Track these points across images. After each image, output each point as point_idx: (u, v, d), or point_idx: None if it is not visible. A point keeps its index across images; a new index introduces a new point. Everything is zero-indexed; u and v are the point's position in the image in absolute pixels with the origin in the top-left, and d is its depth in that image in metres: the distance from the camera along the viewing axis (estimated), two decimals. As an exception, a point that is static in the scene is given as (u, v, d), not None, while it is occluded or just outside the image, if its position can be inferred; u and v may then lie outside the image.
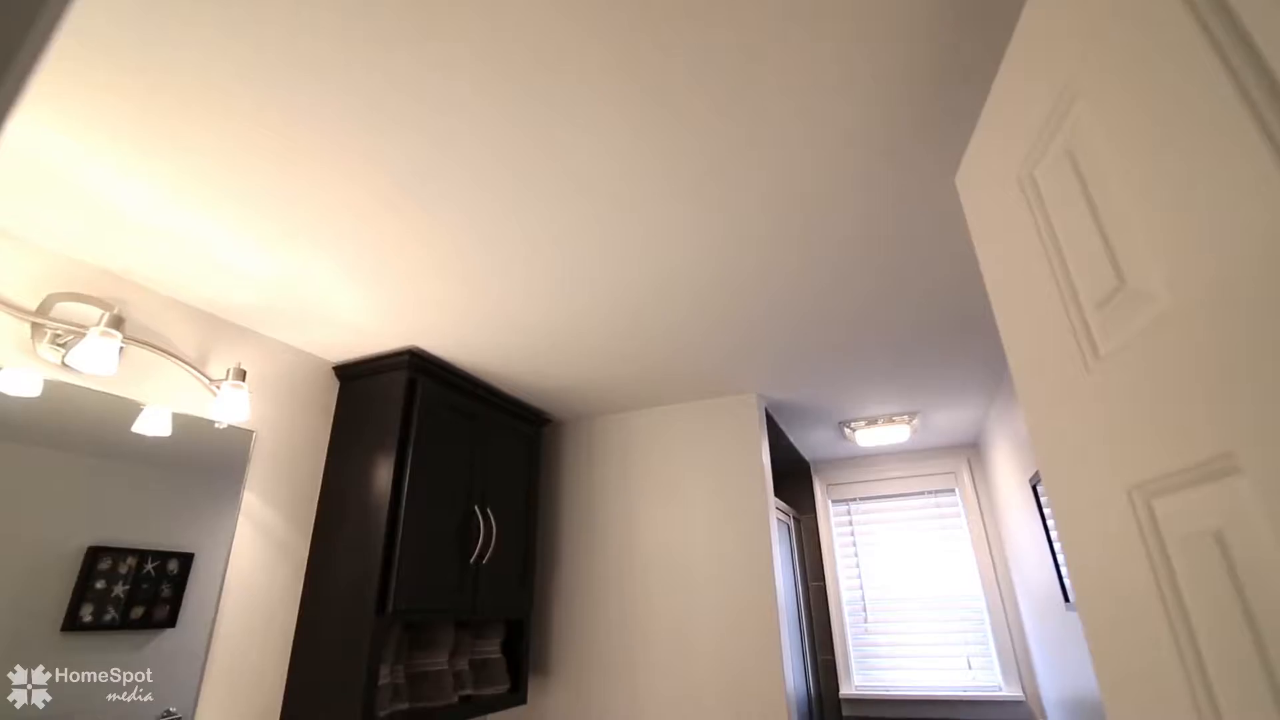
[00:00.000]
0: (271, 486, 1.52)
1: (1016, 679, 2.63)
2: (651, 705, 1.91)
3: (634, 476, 2.20)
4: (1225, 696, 0.44)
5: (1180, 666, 0.47)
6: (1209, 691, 0.45)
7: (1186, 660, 0.47)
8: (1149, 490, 0.50)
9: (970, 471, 2.97)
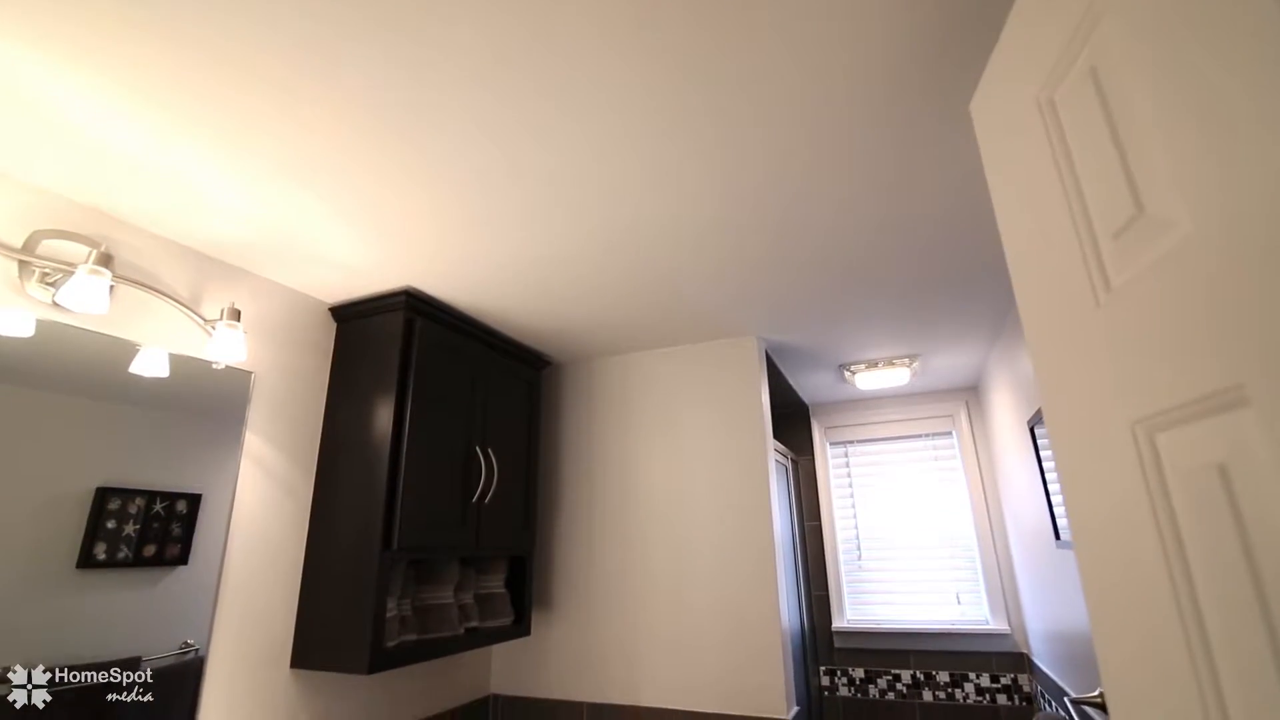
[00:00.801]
0: (273, 427, 1.53)
1: (1003, 614, 2.73)
2: (651, 636, 1.98)
3: (634, 418, 2.22)
4: (1217, 630, 0.44)
5: (1174, 601, 0.48)
6: (1201, 625, 0.46)
7: (1180, 595, 0.47)
8: (1152, 425, 0.50)
9: (968, 414, 2.99)
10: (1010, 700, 2.64)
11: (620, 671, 2.00)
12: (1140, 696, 0.54)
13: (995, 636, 2.71)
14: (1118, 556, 0.55)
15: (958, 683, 2.72)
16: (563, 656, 2.09)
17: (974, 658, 2.72)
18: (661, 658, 1.95)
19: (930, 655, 2.79)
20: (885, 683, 2.83)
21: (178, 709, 1.27)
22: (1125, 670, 0.57)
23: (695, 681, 1.89)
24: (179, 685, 1.28)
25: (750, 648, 1.86)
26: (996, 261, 1.62)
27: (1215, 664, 0.45)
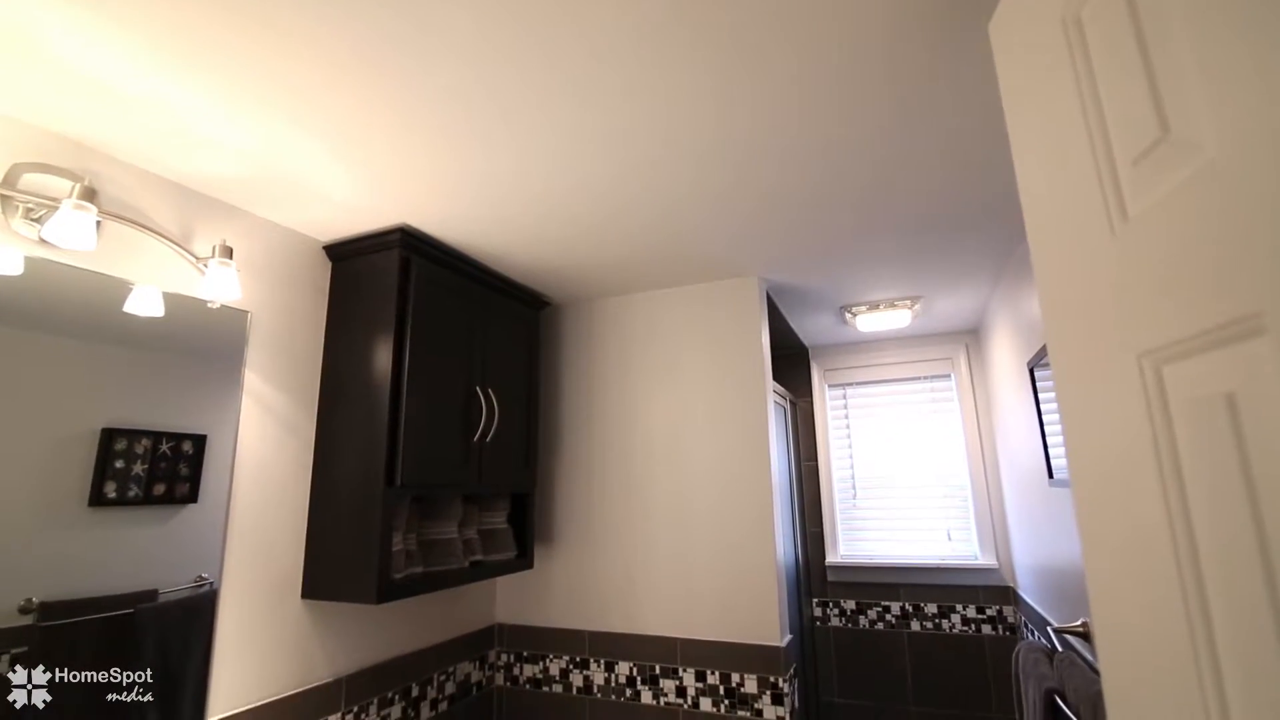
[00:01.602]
0: (272, 366, 1.53)
1: (992, 550, 2.81)
2: (650, 569, 2.05)
3: (634, 358, 2.22)
4: (1211, 560, 0.45)
5: (1169, 532, 0.49)
6: (1195, 557, 0.46)
7: (1176, 526, 0.48)
8: (1160, 357, 0.49)
9: (968, 357, 3.00)
10: (995, 630, 2.75)
11: (620, 602, 2.07)
12: (1128, 626, 0.56)
13: (983, 571, 2.80)
14: (1115, 489, 0.56)
15: (945, 614, 2.84)
16: (565, 588, 2.16)
17: (961, 590, 2.82)
18: (660, 589, 2.02)
19: (920, 588, 2.89)
20: (875, 614, 2.94)
21: (196, 638, 1.32)
22: (1115, 601, 0.58)
23: (693, 611, 1.97)
24: (196, 616, 1.33)
25: (746, 580, 1.92)
26: (1001, 202, 1.59)
27: (1206, 595, 0.46)
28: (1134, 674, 0.56)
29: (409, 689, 1.82)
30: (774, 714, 1.82)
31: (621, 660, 2.03)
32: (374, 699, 1.70)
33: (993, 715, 2.69)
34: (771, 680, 1.83)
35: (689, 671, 1.93)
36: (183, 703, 1.29)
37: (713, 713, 1.89)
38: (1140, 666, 0.55)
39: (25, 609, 1.08)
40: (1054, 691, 1.46)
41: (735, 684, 1.87)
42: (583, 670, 2.08)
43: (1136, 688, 0.56)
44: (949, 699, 2.77)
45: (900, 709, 2.83)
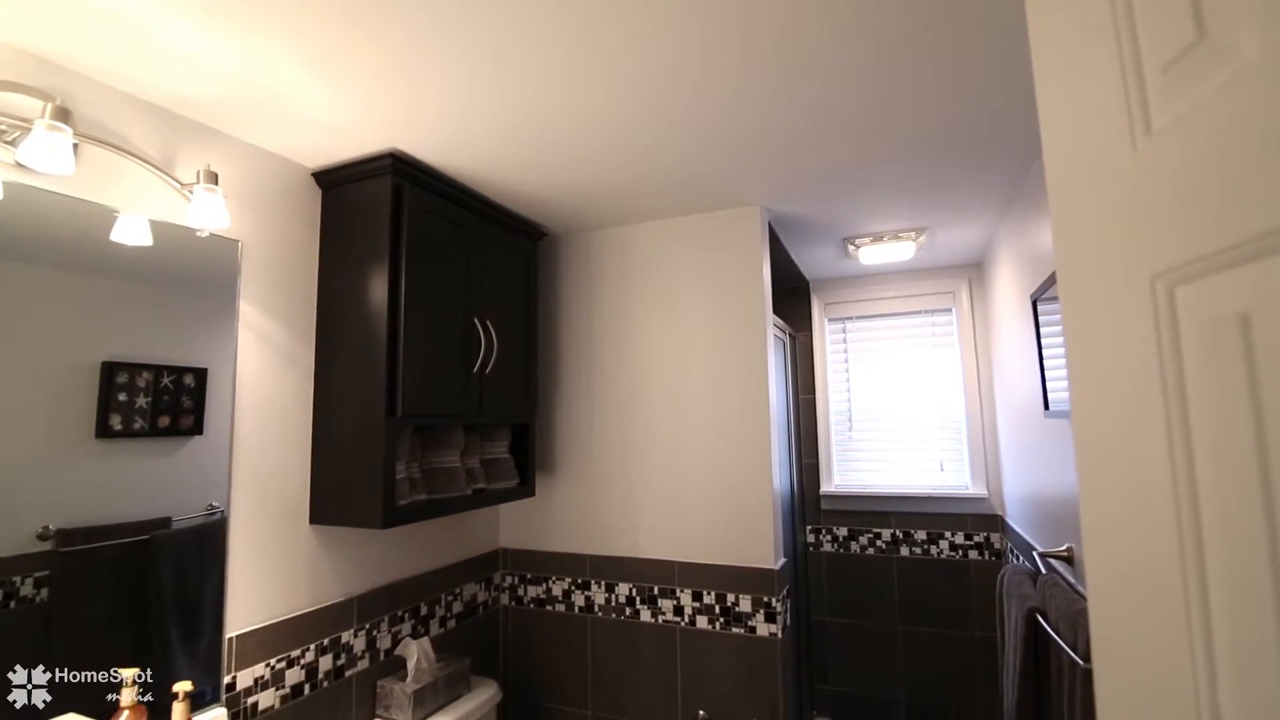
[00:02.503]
0: (267, 297, 1.52)
1: (984, 480, 2.88)
2: (650, 496, 2.10)
3: (633, 290, 2.20)
4: (1209, 487, 0.45)
5: (1169, 460, 0.48)
6: (1192, 482, 0.46)
7: (1176, 454, 0.48)
8: (1175, 277, 0.48)
9: (970, 291, 2.97)
10: (981, 556, 2.85)
11: (620, 527, 2.14)
12: (1120, 550, 0.57)
13: (973, 500, 2.88)
14: (1117, 414, 0.56)
15: (934, 540, 2.94)
16: (566, 514, 2.23)
17: (951, 518, 2.91)
18: (660, 515, 2.08)
19: (910, 516, 2.98)
20: (866, 540, 3.05)
21: (212, 562, 1.37)
22: (1108, 525, 0.59)
23: (691, 536, 2.03)
24: (210, 542, 1.37)
25: (743, 507, 1.97)
26: (1013, 131, 1.53)
27: (1201, 519, 0.46)
28: (1121, 597, 0.58)
29: (418, 608, 1.90)
30: (767, 631, 1.91)
31: (621, 582, 2.11)
32: (385, 617, 1.78)
33: (974, 633, 2.83)
34: (765, 600, 1.91)
35: (686, 592, 2.02)
36: (203, 621, 1.35)
37: (709, 630, 1.98)
38: (1128, 591, 0.56)
39: (43, 536, 1.12)
40: (1036, 610, 1.52)
41: (730, 603, 1.96)
42: (584, 591, 2.17)
43: (1123, 611, 0.57)
44: (934, 619, 2.90)
45: (887, 628, 2.98)
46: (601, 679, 2.12)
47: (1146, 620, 0.53)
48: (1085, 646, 1.23)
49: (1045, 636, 1.47)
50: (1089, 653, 1.22)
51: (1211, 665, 0.46)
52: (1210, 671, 0.46)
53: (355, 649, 1.68)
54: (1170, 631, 0.50)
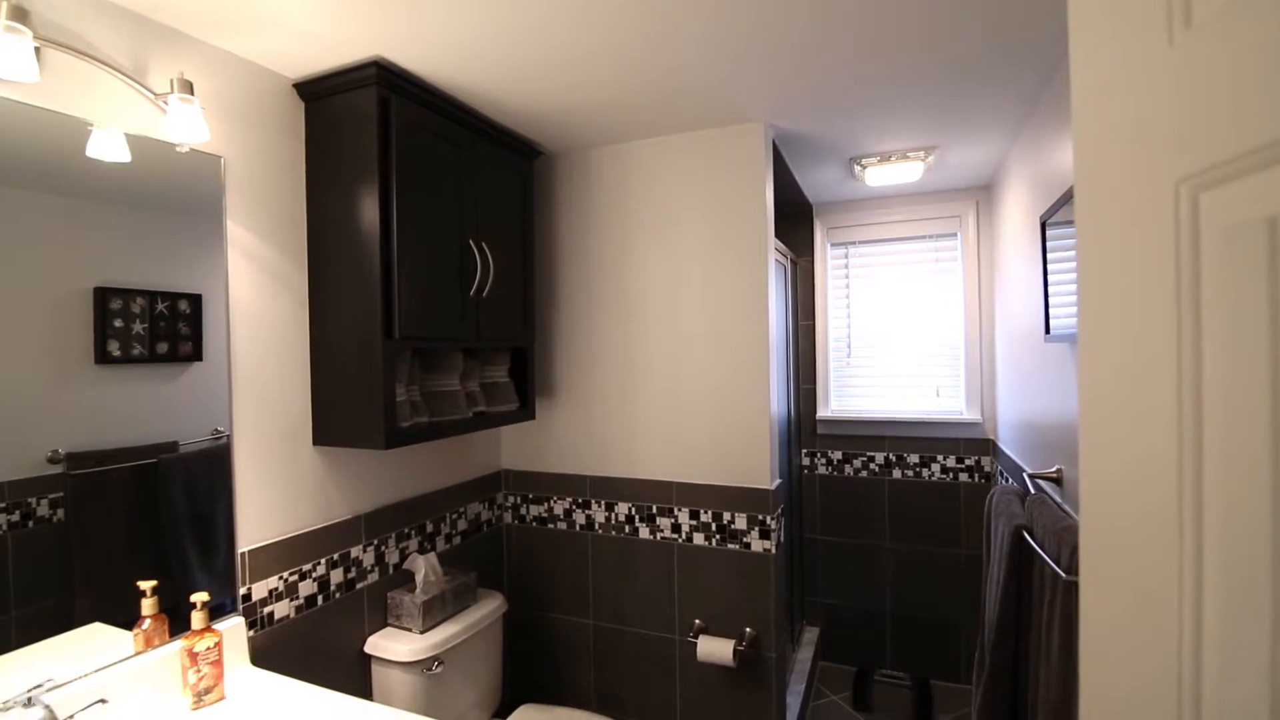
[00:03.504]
0: (254, 217, 1.48)
1: (978, 406, 2.92)
2: (648, 418, 2.13)
3: (633, 211, 2.15)
4: (1215, 401, 0.45)
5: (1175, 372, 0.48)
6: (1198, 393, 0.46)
7: (1184, 366, 0.47)
8: (1201, 181, 0.45)
9: (977, 214, 2.91)
10: (971, 479, 2.93)
11: (619, 449, 2.18)
12: (1117, 467, 0.57)
13: (967, 425, 2.93)
14: (1126, 326, 0.55)
15: (926, 463, 3.01)
16: (566, 437, 2.27)
17: (944, 443, 2.97)
18: (658, 438, 2.12)
19: (904, 440, 3.04)
20: (860, 463, 3.12)
21: (221, 484, 1.41)
22: (1107, 441, 0.59)
23: (689, 458, 2.08)
24: (218, 464, 1.40)
25: (740, 429, 2.00)
26: (1030, 43, 1.43)
27: (1202, 431, 0.46)
28: (1115, 512, 0.58)
29: (424, 525, 1.97)
30: (761, 547, 1.98)
31: (621, 501, 2.18)
32: (392, 534, 1.84)
33: (961, 551, 2.94)
34: (760, 518, 1.98)
35: (684, 510, 2.08)
36: (217, 539, 1.40)
37: (705, 546, 2.06)
38: (1122, 505, 0.57)
39: (54, 459, 1.14)
40: (1023, 528, 1.57)
41: (726, 521, 2.02)
42: (585, 510, 2.24)
43: (1115, 525, 0.58)
44: (922, 537, 3.02)
45: (877, 546, 3.10)
46: (602, 591, 2.22)
47: (1138, 535, 0.54)
48: (1068, 560, 1.28)
49: (1030, 552, 1.53)
50: (1071, 566, 1.27)
51: (1199, 577, 0.47)
52: (1197, 583, 0.48)
53: (365, 563, 1.75)
54: (1161, 546, 0.51)
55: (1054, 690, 1.31)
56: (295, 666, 1.51)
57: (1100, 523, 0.61)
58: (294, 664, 1.52)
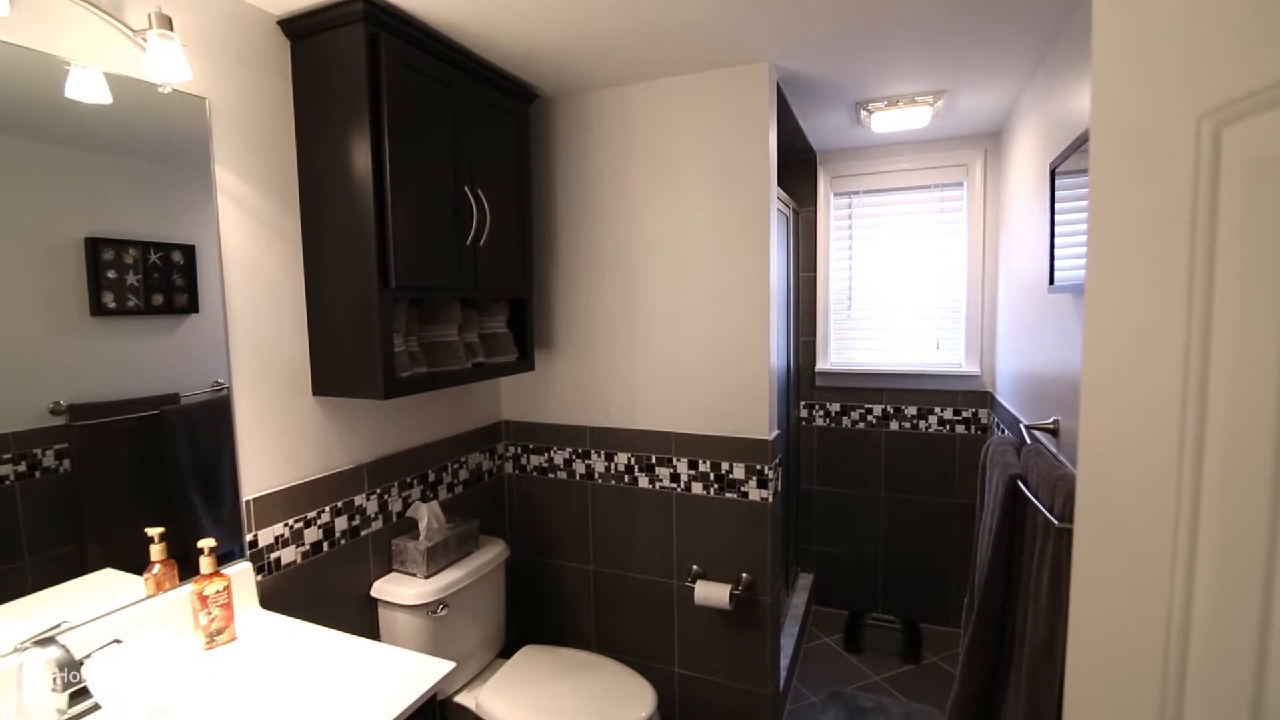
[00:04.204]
0: (243, 162, 1.44)
1: (977, 358, 2.92)
2: (648, 370, 2.13)
3: (632, 158, 2.09)
4: (1225, 344, 0.44)
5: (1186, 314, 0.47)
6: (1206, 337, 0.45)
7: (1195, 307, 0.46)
8: (1226, 115, 0.44)
9: (985, 163, 2.84)
10: (968, 430, 2.96)
11: (619, 401, 2.19)
12: (1120, 415, 0.57)
13: (965, 377, 2.94)
14: (1137, 268, 0.54)
15: (923, 415, 3.03)
16: (565, 388, 2.27)
17: (942, 395, 2.99)
18: (658, 389, 2.12)
19: (902, 393, 3.05)
20: (857, 415, 3.15)
21: (224, 435, 1.42)
22: (1111, 387, 0.59)
23: (688, 409, 2.09)
24: (219, 416, 1.41)
25: (740, 381, 2.01)
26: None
27: (1209, 374, 0.46)
28: (1114, 459, 0.58)
29: (426, 475, 1.99)
30: (759, 496, 2.01)
31: (620, 451, 2.20)
32: (394, 483, 1.87)
33: (954, 501, 3.00)
34: (758, 468, 2.00)
35: (682, 460, 2.11)
36: (222, 489, 1.42)
37: (703, 495, 2.09)
38: (1122, 453, 0.57)
39: (56, 411, 1.14)
40: (1017, 477, 1.59)
41: (725, 471, 2.05)
42: (585, 460, 2.26)
43: (1114, 472, 0.58)
44: (917, 487, 3.07)
45: (872, 496, 3.15)
46: (602, 539, 2.27)
47: (1136, 483, 0.54)
48: (1061, 508, 1.30)
49: (1024, 500, 1.55)
50: (1064, 514, 1.29)
51: (1194, 528, 0.48)
52: (1191, 534, 0.48)
53: (368, 511, 1.78)
54: (1158, 495, 0.51)
55: (1040, 630, 1.35)
56: (304, 610, 1.55)
57: (1099, 468, 0.61)
58: (302, 607, 1.56)
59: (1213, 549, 0.46)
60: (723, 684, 2.14)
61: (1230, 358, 0.44)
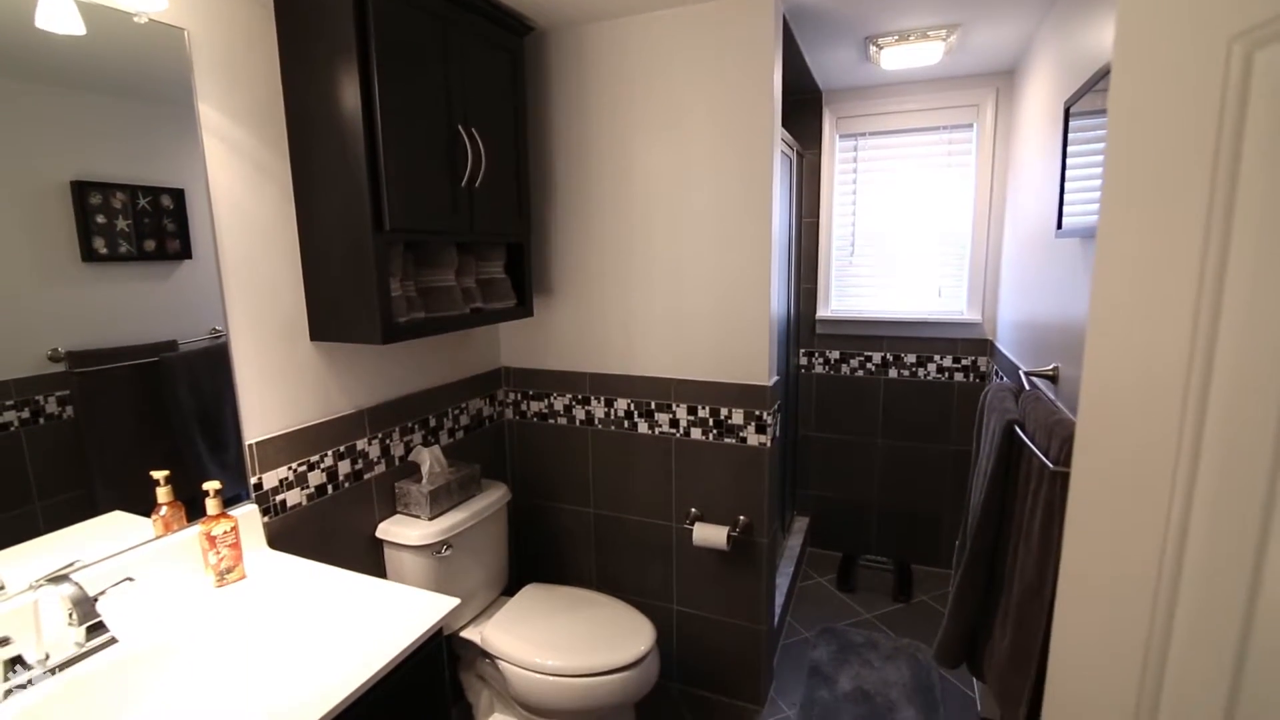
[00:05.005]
0: (227, 98, 1.38)
1: (979, 305, 2.90)
2: (648, 317, 2.12)
3: (631, 96, 2.02)
4: (1239, 282, 0.43)
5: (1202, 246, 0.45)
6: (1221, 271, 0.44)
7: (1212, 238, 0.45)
8: (1258, 37, 0.41)
9: (996, 103, 2.75)
10: (966, 378, 2.97)
11: (619, 346, 2.19)
12: (1125, 357, 0.56)
13: (966, 325, 2.93)
14: (1156, 199, 0.52)
15: (922, 363, 3.03)
16: (565, 334, 2.27)
17: (942, 343, 2.98)
18: (657, 336, 2.12)
19: (902, 340, 3.05)
20: (857, 363, 3.15)
21: (223, 382, 1.42)
22: (1118, 329, 0.58)
23: (688, 355, 2.09)
24: (219, 363, 1.41)
25: (740, 328, 2.00)
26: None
27: (1220, 319, 0.45)
28: (1116, 401, 0.58)
29: (426, 420, 2.01)
30: (757, 441, 2.03)
31: (620, 398, 2.21)
32: (395, 428, 1.88)
33: (949, 447, 3.04)
34: (757, 414, 2.01)
35: (681, 406, 2.12)
36: (225, 434, 1.43)
37: (702, 440, 2.11)
38: (1124, 396, 0.56)
39: (54, 358, 1.14)
40: (1015, 422, 1.60)
41: (724, 417, 2.06)
42: (584, 406, 2.28)
43: (1114, 417, 0.58)
44: (913, 434, 3.10)
45: (868, 442, 3.19)
46: (602, 483, 2.31)
47: (1137, 429, 0.54)
48: (1057, 452, 1.31)
49: (1020, 445, 1.56)
50: (1059, 458, 1.31)
51: (1192, 475, 0.48)
52: (1189, 480, 0.48)
53: (371, 455, 1.80)
54: (1159, 440, 0.51)
55: (1029, 570, 1.39)
56: (311, 551, 1.59)
57: (1099, 411, 0.61)
58: (309, 548, 1.60)
59: (1210, 495, 0.46)
60: (720, 620, 2.22)
61: (1245, 298, 0.43)
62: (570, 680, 1.72)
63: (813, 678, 2.36)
